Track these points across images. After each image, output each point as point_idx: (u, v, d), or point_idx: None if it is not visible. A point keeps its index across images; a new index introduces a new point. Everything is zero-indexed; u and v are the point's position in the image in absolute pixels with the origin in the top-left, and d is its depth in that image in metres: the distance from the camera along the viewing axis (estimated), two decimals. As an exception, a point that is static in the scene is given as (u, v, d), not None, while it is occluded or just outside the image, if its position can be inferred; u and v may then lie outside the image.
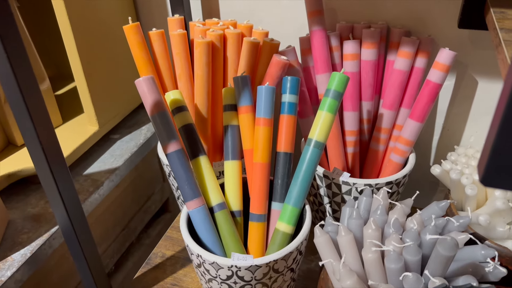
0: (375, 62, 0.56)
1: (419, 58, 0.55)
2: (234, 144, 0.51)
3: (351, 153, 0.59)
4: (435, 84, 0.52)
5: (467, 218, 0.46)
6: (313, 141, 0.47)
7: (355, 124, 0.58)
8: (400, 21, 0.57)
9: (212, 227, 0.49)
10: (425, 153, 0.65)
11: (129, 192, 0.68)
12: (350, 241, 0.44)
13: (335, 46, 0.57)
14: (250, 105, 0.50)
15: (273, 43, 0.54)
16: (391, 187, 0.54)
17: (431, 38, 0.54)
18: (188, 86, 0.57)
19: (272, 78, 0.52)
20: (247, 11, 0.63)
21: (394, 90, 0.56)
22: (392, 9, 0.56)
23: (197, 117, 0.57)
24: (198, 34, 0.55)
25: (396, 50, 0.56)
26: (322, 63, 0.56)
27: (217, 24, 0.58)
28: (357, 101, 0.57)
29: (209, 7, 0.65)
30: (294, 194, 0.48)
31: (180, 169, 0.47)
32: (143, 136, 0.69)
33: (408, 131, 0.55)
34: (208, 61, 0.54)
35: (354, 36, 0.57)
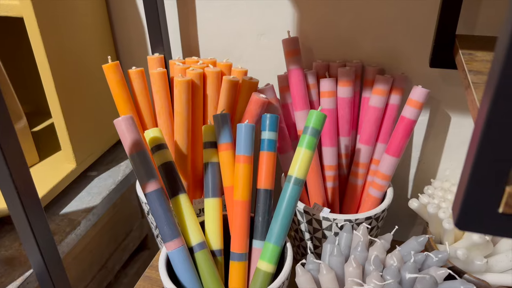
0: (351, 99, 0.57)
1: (393, 95, 0.56)
2: (214, 181, 0.51)
3: (330, 188, 0.59)
4: (410, 120, 0.54)
5: (446, 254, 0.46)
6: (293, 178, 0.48)
7: (333, 159, 0.58)
8: (374, 60, 0.59)
9: (192, 268, 0.48)
10: (402, 186, 0.66)
11: (107, 230, 0.67)
12: (332, 280, 0.44)
13: (312, 84, 0.58)
14: (230, 142, 0.50)
15: (252, 81, 0.55)
16: (371, 222, 0.55)
17: (405, 76, 0.56)
18: (168, 123, 0.58)
19: (251, 116, 0.53)
20: (226, 49, 0.64)
21: (370, 126, 0.57)
22: (367, 48, 0.58)
23: (177, 154, 0.57)
24: (178, 73, 0.56)
25: (371, 87, 0.58)
26: (300, 100, 0.57)
27: (197, 62, 0.59)
28: (335, 136, 0.58)
29: (189, 46, 0.66)
30: (275, 232, 0.48)
31: (159, 209, 0.46)
32: (121, 172, 0.68)
33: (385, 165, 0.56)
34: (188, 99, 0.54)
35: (330, 74, 0.59)
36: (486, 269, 0.51)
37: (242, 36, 0.62)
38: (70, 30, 0.60)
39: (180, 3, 0.63)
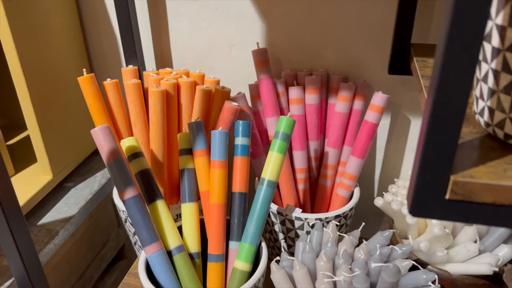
0: (318, 106, 0.61)
1: (357, 101, 0.60)
2: (190, 186, 0.53)
3: (302, 189, 0.62)
4: (372, 124, 0.58)
5: (409, 246, 0.50)
6: (266, 180, 0.51)
7: (304, 162, 0.62)
8: (338, 68, 0.63)
9: (171, 271, 0.50)
10: (369, 186, 0.70)
11: (84, 240, 0.67)
12: (305, 274, 0.47)
13: (281, 92, 0.61)
14: (205, 148, 0.53)
15: (225, 90, 0.58)
16: (340, 220, 0.58)
17: (367, 83, 0.60)
18: (144, 132, 0.59)
19: (225, 123, 0.56)
20: (199, 60, 0.67)
21: (336, 130, 0.61)
22: (331, 57, 0.62)
23: (153, 162, 0.59)
24: (153, 84, 0.58)
25: (336, 94, 0.61)
26: (270, 107, 0.60)
27: (171, 73, 0.61)
28: (304, 141, 0.61)
29: (162, 57, 0.68)
30: (250, 232, 0.50)
31: (137, 214, 0.48)
32: (97, 183, 0.69)
33: (351, 167, 0.60)
34: (162, 109, 0.56)
35: (298, 82, 0.62)
36: (447, 259, 0.55)
37: (214, 48, 0.65)
38: (44, 43, 0.61)
39: (153, 17, 0.65)
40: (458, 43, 0.23)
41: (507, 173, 0.28)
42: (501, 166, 0.29)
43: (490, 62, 0.30)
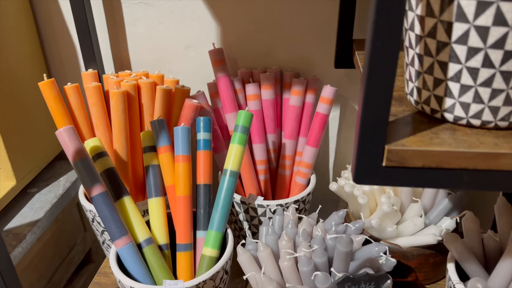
0: (273, 101, 0.65)
1: (308, 94, 0.65)
2: (156, 182, 0.56)
3: (263, 180, 0.66)
4: (323, 115, 0.63)
5: (361, 222, 0.55)
6: (228, 170, 0.54)
7: (263, 154, 0.65)
8: (290, 65, 0.67)
9: (141, 262, 0.52)
10: (324, 174, 0.75)
11: (51, 244, 0.68)
12: (268, 255, 0.51)
13: (238, 89, 0.65)
14: (169, 145, 0.55)
15: (184, 89, 0.61)
16: (299, 204, 0.62)
17: (316, 78, 0.65)
18: (106, 133, 0.61)
19: (186, 120, 0.59)
20: (157, 62, 0.69)
21: (291, 123, 0.65)
22: (283, 56, 0.67)
23: (117, 161, 0.60)
24: (113, 85, 0.60)
25: (289, 89, 0.66)
26: (229, 104, 0.63)
27: (130, 75, 0.63)
28: (262, 134, 0.65)
29: (121, 60, 0.70)
30: (216, 220, 0.53)
31: (105, 210, 0.50)
32: (61, 187, 0.69)
33: (307, 156, 0.64)
34: (124, 109, 0.59)
35: (254, 79, 0.66)
36: (397, 234, 0.60)
37: (171, 50, 0.68)
38: (0, 49, 0.61)
39: (110, 22, 0.67)
40: (381, 36, 0.27)
41: (433, 140, 0.33)
42: (428, 135, 0.33)
43: (415, 48, 0.35)
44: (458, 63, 0.31)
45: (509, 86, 0.31)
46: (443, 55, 0.32)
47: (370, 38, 0.28)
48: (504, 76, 0.31)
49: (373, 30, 0.27)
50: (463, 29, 0.30)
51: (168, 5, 0.65)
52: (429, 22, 0.32)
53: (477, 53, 0.30)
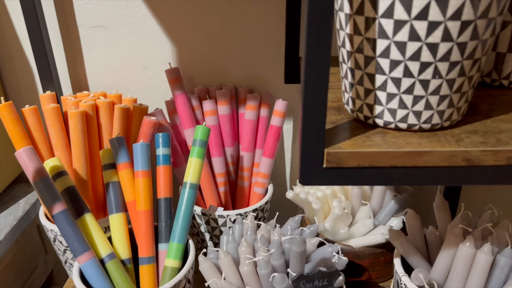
0: (230, 115, 0.68)
1: (262, 108, 0.69)
2: (116, 198, 0.57)
3: (222, 192, 0.69)
4: (277, 128, 0.66)
5: (316, 226, 0.59)
6: (188, 183, 0.56)
7: (222, 167, 0.68)
8: (244, 82, 0.71)
9: (105, 277, 0.53)
10: (281, 183, 0.78)
11: (12, 267, 0.67)
12: (229, 261, 0.53)
13: (196, 106, 0.68)
14: (128, 161, 0.57)
15: (142, 107, 0.63)
16: (257, 213, 0.65)
17: (269, 93, 0.69)
18: (65, 153, 0.62)
19: (145, 137, 0.61)
20: (115, 82, 0.71)
21: (248, 136, 0.68)
22: (238, 73, 0.70)
23: (77, 180, 0.61)
24: (71, 106, 0.61)
25: (245, 104, 0.69)
26: (187, 120, 0.66)
27: (88, 96, 0.65)
28: (221, 148, 0.68)
29: (78, 82, 0.71)
30: (177, 232, 0.55)
31: (67, 227, 0.51)
32: (21, 209, 0.69)
33: (263, 166, 0.68)
34: (83, 129, 0.60)
35: (210, 96, 0.70)
36: (349, 236, 0.64)
37: (129, 70, 0.70)
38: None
39: (67, 45, 0.69)
40: (313, 55, 0.31)
41: (366, 143, 0.37)
42: (361, 139, 0.37)
43: (347, 63, 0.39)
44: (383, 74, 0.36)
45: (427, 93, 0.36)
46: (370, 68, 0.36)
47: (304, 57, 0.32)
48: (423, 85, 0.35)
49: (306, 51, 0.31)
50: (385, 44, 0.35)
51: (124, 28, 0.67)
52: (356, 39, 0.36)
53: (398, 65, 0.35)
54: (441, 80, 0.35)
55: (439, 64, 0.34)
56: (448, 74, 0.35)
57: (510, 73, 0.47)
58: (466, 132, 0.38)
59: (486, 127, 0.39)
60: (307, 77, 0.32)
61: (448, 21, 0.32)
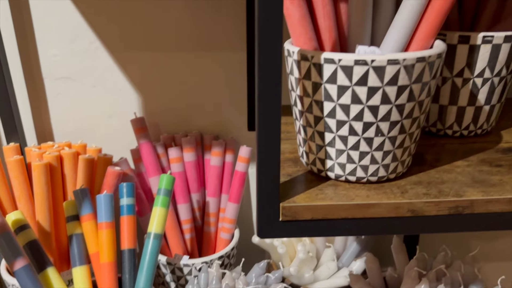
0: (195, 162, 0.70)
1: (227, 154, 0.71)
2: (80, 250, 0.57)
3: (189, 239, 0.69)
4: (242, 173, 0.68)
5: (280, 271, 0.60)
6: (152, 233, 0.57)
7: (188, 214, 0.69)
8: (209, 129, 0.73)
9: (67, 334, 0.52)
10: (248, 227, 0.79)
11: (-32, 326, 0.64)
12: (194, 312, 0.53)
13: (161, 153, 0.69)
14: (92, 213, 0.57)
15: (107, 157, 0.64)
16: (223, 260, 0.66)
17: (234, 139, 0.71)
18: (29, 206, 0.62)
19: (109, 187, 0.61)
20: (80, 132, 0.72)
21: (213, 182, 0.70)
22: (203, 120, 0.72)
23: (41, 233, 0.61)
24: (35, 158, 0.61)
25: (210, 150, 0.71)
26: (152, 168, 0.67)
27: (52, 146, 0.65)
28: (187, 194, 0.69)
29: (43, 132, 0.72)
30: (141, 283, 0.55)
31: (29, 283, 0.50)
32: (-20, 263, 0.67)
33: (229, 212, 0.69)
34: (46, 181, 0.60)
35: (176, 143, 0.71)
36: (314, 279, 0.65)
37: (94, 120, 0.71)
38: None
39: (32, 97, 0.69)
40: (264, 117, 0.34)
41: (319, 196, 0.39)
42: (315, 192, 0.40)
43: (299, 120, 0.42)
44: (331, 132, 0.39)
45: (372, 149, 0.38)
46: (319, 126, 0.39)
47: (257, 128, 0.34)
48: (367, 142, 0.38)
49: (259, 121, 0.33)
50: (331, 106, 0.37)
51: (90, 79, 0.69)
52: (306, 100, 0.39)
53: (344, 125, 0.38)
54: (384, 137, 0.38)
55: (381, 124, 0.37)
56: (390, 132, 0.38)
57: (453, 123, 0.51)
58: (411, 183, 0.41)
59: (430, 177, 0.42)
60: (260, 143, 0.35)
61: (386, 86, 0.35)
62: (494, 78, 0.47)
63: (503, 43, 0.45)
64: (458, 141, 0.51)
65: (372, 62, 0.34)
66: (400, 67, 0.35)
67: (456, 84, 0.48)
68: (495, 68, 0.47)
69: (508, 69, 0.48)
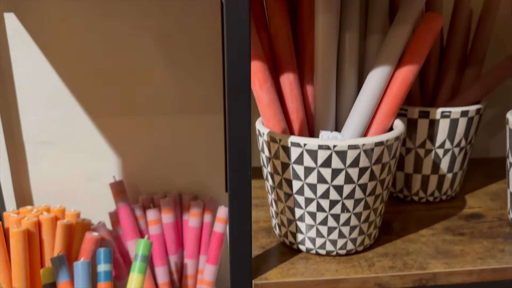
0: (174, 223, 0.71)
1: (206, 215, 0.72)
2: (55, 320, 0.56)
3: (166, 303, 0.69)
4: (220, 234, 0.69)
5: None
6: (128, 301, 0.57)
7: (166, 277, 0.69)
8: (189, 188, 0.75)
9: None
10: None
11: None
12: None
13: (140, 215, 0.70)
14: (69, 280, 0.57)
15: (85, 222, 0.64)
16: (201, 325, 0.65)
17: (212, 199, 0.73)
18: (6, 272, 0.61)
19: (87, 253, 0.61)
20: (59, 194, 0.72)
21: (192, 243, 0.70)
22: (181, 180, 0.74)
23: (16, 301, 0.60)
24: (13, 224, 0.61)
25: (188, 211, 0.72)
26: (130, 231, 0.68)
27: (31, 211, 0.65)
28: (164, 257, 0.69)
29: (22, 195, 0.72)
30: None
31: None
32: (-49, 333, 0.65)
33: (207, 274, 0.69)
34: (24, 247, 0.60)
35: (155, 204, 0.72)
36: None
37: (73, 182, 0.72)
38: None
39: (12, 160, 0.70)
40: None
41: (290, 271, 0.40)
42: (286, 266, 0.41)
43: (271, 194, 0.44)
44: (301, 208, 0.41)
45: (339, 224, 0.40)
46: (289, 202, 0.41)
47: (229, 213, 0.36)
48: (334, 218, 0.40)
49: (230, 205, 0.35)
50: (299, 185, 0.40)
51: (70, 143, 0.70)
52: (276, 178, 0.41)
53: (312, 202, 0.40)
54: (349, 213, 0.40)
55: (346, 201, 0.39)
56: (355, 208, 0.40)
57: (418, 190, 0.53)
58: (378, 255, 0.43)
59: (396, 249, 0.44)
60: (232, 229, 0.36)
61: (348, 168, 0.38)
62: (455, 148, 0.51)
63: (460, 117, 0.49)
64: (424, 207, 0.53)
65: (334, 147, 0.37)
66: (360, 151, 0.37)
67: (419, 155, 0.51)
68: (455, 139, 0.50)
69: (467, 140, 0.51)
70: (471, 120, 0.50)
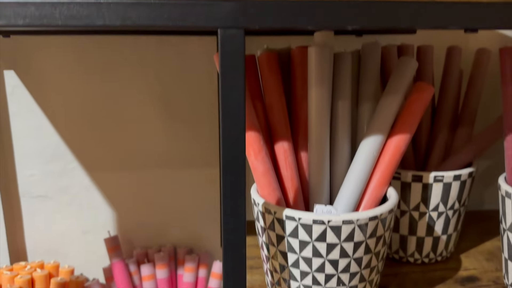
0: (168, 279, 0.70)
1: (201, 269, 0.71)
2: None
3: None
4: (215, 290, 0.68)
5: None
6: None
7: (159, 334, 0.67)
8: (184, 241, 0.74)
9: None
10: None
11: None
12: None
13: (134, 271, 0.69)
14: None
15: (79, 280, 0.63)
16: None
17: (207, 253, 0.72)
18: (-6, 333, 0.60)
19: (79, 313, 0.60)
20: (54, 249, 0.72)
21: (186, 299, 0.69)
22: (177, 234, 0.73)
23: None
24: (6, 282, 0.61)
25: (183, 265, 0.71)
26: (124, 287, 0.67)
27: (25, 267, 0.64)
28: (159, 313, 0.68)
29: (16, 249, 0.71)
30: None
31: None
32: None
33: (202, 332, 0.68)
34: (15, 307, 0.59)
35: (149, 259, 0.71)
36: None
37: (68, 236, 0.71)
38: None
39: (7, 215, 0.70)
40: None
41: None
42: None
43: (266, 264, 0.43)
44: (296, 281, 0.40)
45: (335, 296, 0.40)
46: (284, 274, 0.41)
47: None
48: (330, 290, 0.40)
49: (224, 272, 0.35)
50: (294, 258, 0.40)
51: (66, 197, 0.70)
52: (272, 249, 0.41)
53: (307, 275, 0.40)
54: (345, 287, 0.40)
55: (341, 275, 0.39)
56: (350, 282, 0.40)
57: (413, 252, 0.53)
58: (374, 327, 0.42)
59: (392, 319, 0.43)
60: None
61: (343, 243, 0.38)
62: (448, 211, 0.51)
63: (453, 181, 0.50)
64: (419, 268, 0.53)
65: (328, 222, 0.37)
66: (354, 226, 0.37)
67: (414, 217, 0.51)
68: (448, 202, 0.51)
69: (460, 202, 0.52)
70: (463, 184, 0.50)
